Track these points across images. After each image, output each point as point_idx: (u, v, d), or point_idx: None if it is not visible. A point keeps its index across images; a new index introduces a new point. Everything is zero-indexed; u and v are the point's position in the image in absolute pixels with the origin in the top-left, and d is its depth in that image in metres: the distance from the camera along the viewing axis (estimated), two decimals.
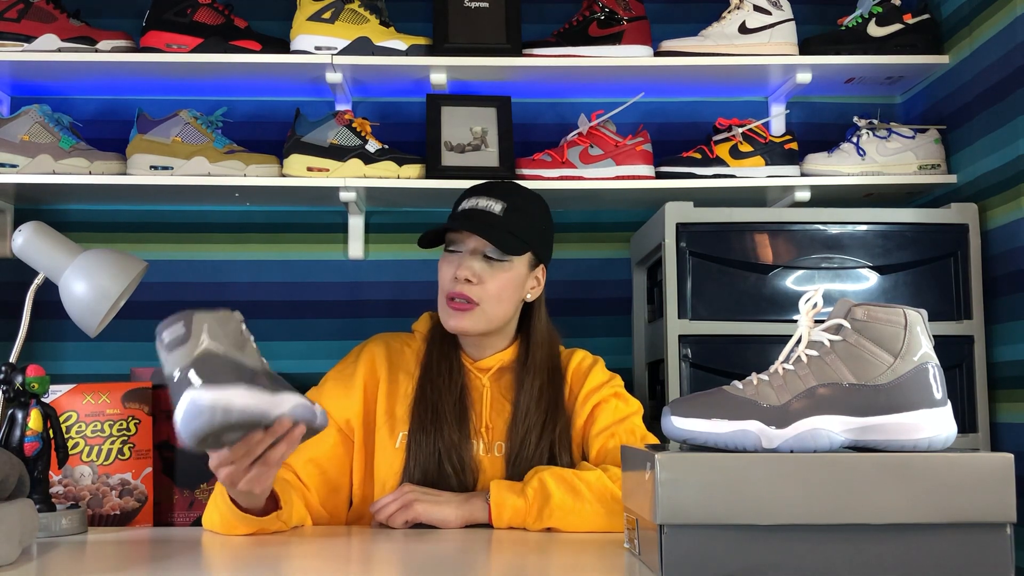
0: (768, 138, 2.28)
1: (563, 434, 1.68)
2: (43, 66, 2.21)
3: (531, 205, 1.73)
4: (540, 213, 1.75)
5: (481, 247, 1.67)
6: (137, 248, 2.41)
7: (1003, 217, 2.03)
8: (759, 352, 2.00)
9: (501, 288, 1.67)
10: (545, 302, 1.78)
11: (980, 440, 2.05)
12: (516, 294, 1.71)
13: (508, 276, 1.68)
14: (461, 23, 2.24)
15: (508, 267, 1.68)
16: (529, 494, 1.53)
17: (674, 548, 1.10)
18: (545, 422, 1.67)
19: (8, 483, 1.24)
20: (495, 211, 1.67)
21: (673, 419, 1.16)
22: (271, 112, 2.46)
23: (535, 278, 1.74)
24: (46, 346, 2.37)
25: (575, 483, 1.53)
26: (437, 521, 1.53)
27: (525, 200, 1.73)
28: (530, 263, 1.72)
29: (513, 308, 1.72)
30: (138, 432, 1.69)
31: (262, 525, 1.47)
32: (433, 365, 1.70)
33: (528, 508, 1.52)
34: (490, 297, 1.67)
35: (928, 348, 1.17)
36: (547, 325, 1.76)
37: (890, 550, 1.10)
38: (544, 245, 1.75)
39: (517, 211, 1.69)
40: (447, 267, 1.69)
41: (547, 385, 1.70)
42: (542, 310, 1.76)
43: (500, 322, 1.70)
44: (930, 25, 2.28)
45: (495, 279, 1.67)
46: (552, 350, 1.75)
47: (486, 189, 1.72)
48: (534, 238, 1.71)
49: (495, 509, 1.53)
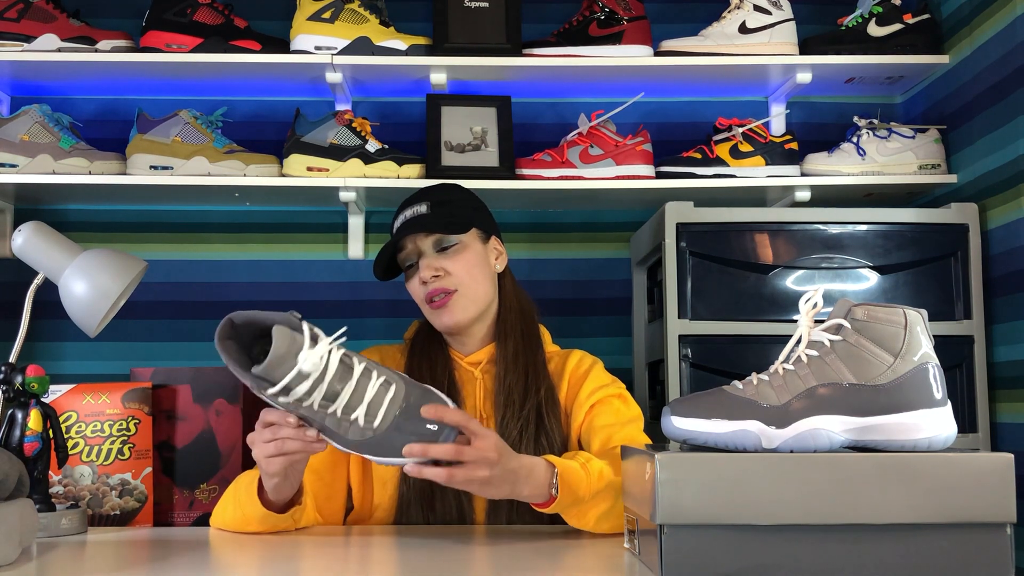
0: (768, 138, 2.28)
1: (548, 398, 1.67)
2: (43, 66, 2.22)
3: (451, 193, 1.77)
4: (465, 195, 1.79)
5: (429, 245, 1.69)
6: (137, 248, 2.41)
7: (1003, 217, 2.03)
8: (759, 352, 2.00)
9: (468, 267, 1.69)
10: (542, 304, 1.80)
11: (980, 440, 2.05)
12: (485, 268, 1.73)
13: (468, 255, 1.70)
14: (461, 23, 2.24)
15: (462, 248, 1.70)
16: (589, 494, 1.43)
17: (674, 548, 1.10)
18: (527, 383, 1.66)
19: (8, 483, 1.24)
20: (423, 212, 1.70)
21: (673, 419, 1.16)
22: (271, 112, 2.46)
23: (494, 249, 1.77)
24: (46, 346, 2.37)
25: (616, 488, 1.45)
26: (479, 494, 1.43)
27: (444, 191, 1.77)
28: (481, 237, 1.74)
29: (490, 283, 1.73)
30: (138, 432, 1.69)
31: (277, 523, 1.47)
32: (416, 363, 1.71)
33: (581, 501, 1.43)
34: (463, 278, 1.68)
35: (928, 348, 1.17)
36: (515, 290, 1.78)
37: (890, 550, 1.10)
38: (484, 218, 1.77)
39: (441, 203, 1.72)
40: (413, 283, 1.72)
41: (522, 346, 1.70)
42: (508, 278, 1.78)
43: (484, 301, 1.71)
44: (930, 25, 2.28)
45: (457, 262, 1.69)
46: (525, 315, 1.75)
47: (407, 200, 1.75)
48: (470, 214, 1.74)
49: (558, 507, 1.42)
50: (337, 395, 1.28)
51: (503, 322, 1.74)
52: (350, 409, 1.28)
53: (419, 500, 1.60)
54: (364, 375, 1.29)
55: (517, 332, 1.72)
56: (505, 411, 1.64)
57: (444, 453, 1.29)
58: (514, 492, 1.39)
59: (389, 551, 1.41)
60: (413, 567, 1.30)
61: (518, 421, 1.63)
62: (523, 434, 1.61)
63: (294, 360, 1.25)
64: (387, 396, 1.29)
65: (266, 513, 1.46)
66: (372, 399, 1.28)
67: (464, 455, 1.31)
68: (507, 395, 1.66)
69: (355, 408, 1.28)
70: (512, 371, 1.67)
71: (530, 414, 1.64)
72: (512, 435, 1.61)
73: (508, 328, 1.73)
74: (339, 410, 1.28)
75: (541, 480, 1.40)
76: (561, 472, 1.41)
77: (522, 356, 1.69)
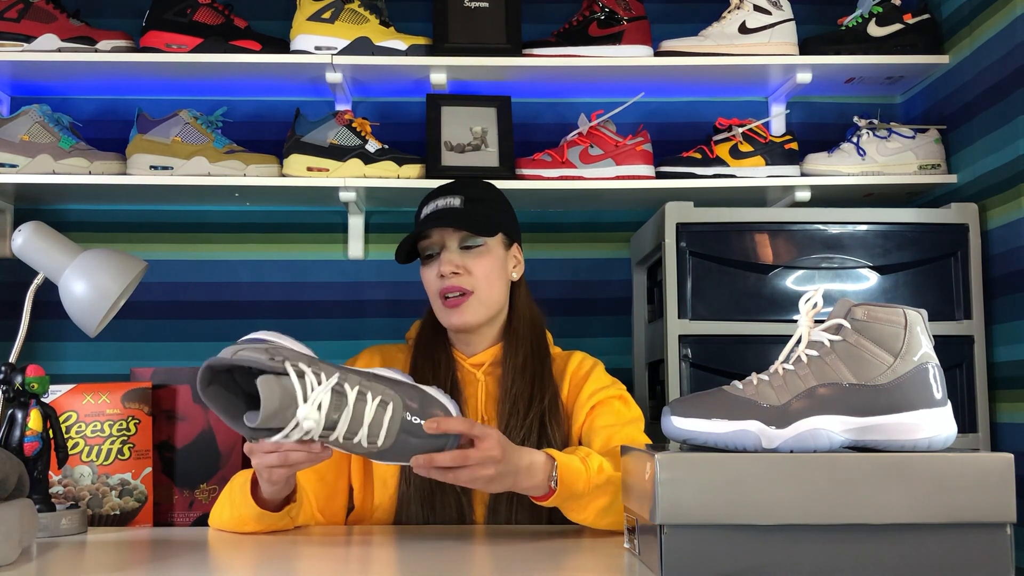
0: (768, 138, 2.28)
1: (552, 405, 1.67)
2: (43, 66, 2.22)
3: (487, 192, 1.77)
4: (498, 197, 1.79)
5: (455, 240, 1.69)
6: (137, 248, 2.41)
7: (1003, 217, 2.03)
8: (759, 352, 2.00)
9: (488, 270, 1.69)
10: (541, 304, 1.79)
11: (980, 440, 2.05)
12: (503, 274, 1.72)
13: (490, 258, 1.70)
14: (461, 23, 2.24)
15: (486, 251, 1.70)
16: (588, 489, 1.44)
17: (674, 548, 1.10)
18: (532, 392, 1.67)
19: (8, 483, 1.24)
20: (456, 205, 1.70)
21: (673, 419, 1.16)
22: (271, 112, 2.46)
23: (514, 256, 1.77)
24: (46, 346, 2.37)
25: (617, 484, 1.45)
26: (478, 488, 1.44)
27: (480, 189, 1.77)
28: (504, 243, 1.74)
29: (504, 289, 1.73)
30: (138, 432, 1.69)
31: (274, 523, 1.48)
32: (419, 363, 1.71)
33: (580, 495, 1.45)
34: (480, 281, 1.68)
35: (928, 348, 1.17)
36: (528, 300, 1.78)
37: (890, 550, 1.10)
38: (511, 224, 1.77)
39: (476, 200, 1.72)
40: (429, 272, 1.71)
41: (531, 357, 1.70)
42: (523, 287, 1.78)
43: (497, 306, 1.72)
44: (930, 25, 2.28)
45: (479, 264, 1.69)
46: (535, 326, 1.75)
47: (442, 190, 1.75)
48: (500, 219, 1.74)
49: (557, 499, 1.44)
50: (336, 423, 1.27)
51: (514, 332, 1.73)
52: (351, 434, 1.28)
53: (419, 500, 1.61)
54: (359, 400, 1.28)
55: (528, 343, 1.72)
56: (509, 419, 1.65)
57: (450, 461, 1.32)
58: (516, 485, 1.41)
59: (389, 551, 1.41)
60: (413, 567, 1.30)
61: (521, 429, 1.64)
62: (525, 441, 1.62)
63: (291, 410, 1.23)
64: (386, 416, 1.29)
65: (261, 512, 1.46)
66: (371, 421, 1.28)
67: (469, 459, 1.33)
68: (512, 404, 1.66)
69: (356, 432, 1.28)
70: (519, 381, 1.68)
71: (533, 423, 1.65)
72: (515, 441, 1.61)
73: (519, 339, 1.72)
74: (340, 437, 1.28)
75: (540, 473, 1.42)
76: (560, 465, 1.43)
77: (530, 367, 1.69)
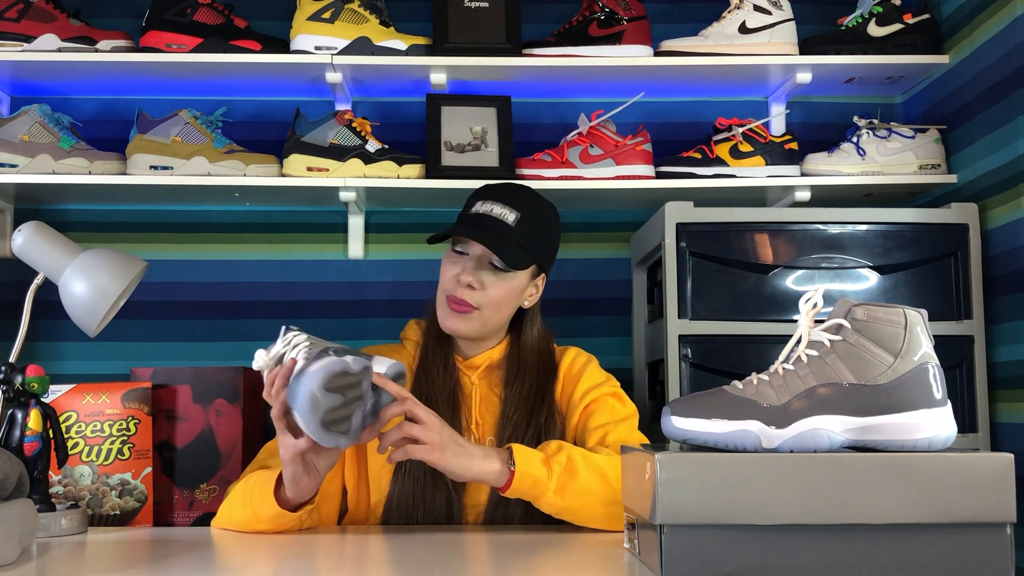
0: (768, 138, 2.28)
1: (549, 422, 1.68)
2: (43, 66, 2.21)
3: (544, 214, 1.74)
4: (551, 224, 1.76)
5: (488, 255, 1.68)
6: (137, 248, 2.41)
7: (1003, 217, 2.03)
8: (759, 352, 2.00)
9: (502, 297, 1.69)
10: (542, 304, 1.79)
11: (980, 440, 2.05)
12: (515, 302, 1.72)
13: (510, 285, 1.69)
14: (461, 23, 2.24)
15: (512, 277, 1.69)
16: (555, 469, 1.49)
17: (674, 548, 1.10)
18: (532, 415, 1.68)
19: (8, 483, 1.24)
20: (508, 221, 1.68)
21: (673, 419, 1.16)
22: (271, 112, 2.46)
23: (535, 286, 1.76)
24: (46, 346, 2.37)
25: (605, 470, 1.50)
26: (442, 470, 1.48)
27: (539, 210, 1.73)
28: (532, 273, 1.73)
29: (510, 314, 1.73)
30: (138, 432, 1.69)
31: (288, 523, 1.49)
32: (429, 362, 1.71)
33: (547, 481, 1.48)
34: (490, 304, 1.68)
35: (928, 348, 1.17)
36: (540, 329, 1.77)
37: (890, 550, 1.10)
38: (549, 256, 1.76)
39: (530, 222, 1.69)
40: (451, 267, 1.70)
41: (536, 384, 1.71)
42: (536, 316, 1.77)
43: (496, 328, 1.73)
44: (930, 25, 2.28)
45: (497, 288, 1.68)
46: (544, 352, 1.75)
47: (501, 194, 1.72)
48: (541, 250, 1.72)
49: (518, 478, 1.47)
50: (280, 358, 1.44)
51: (522, 362, 1.72)
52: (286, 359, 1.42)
53: (411, 499, 1.62)
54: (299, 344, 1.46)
55: (533, 373, 1.72)
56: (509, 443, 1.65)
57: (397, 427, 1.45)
58: (471, 464, 1.46)
59: (385, 550, 1.41)
60: (412, 567, 1.30)
61: None
62: None
63: None
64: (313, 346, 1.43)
65: (279, 512, 1.46)
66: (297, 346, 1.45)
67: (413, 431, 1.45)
68: (513, 429, 1.67)
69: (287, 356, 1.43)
70: (521, 409, 1.68)
71: (531, 442, 1.65)
72: None
73: (526, 369, 1.72)
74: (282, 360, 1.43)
75: (494, 455, 1.49)
76: (516, 448, 1.49)
77: (535, 392, 1.70)
